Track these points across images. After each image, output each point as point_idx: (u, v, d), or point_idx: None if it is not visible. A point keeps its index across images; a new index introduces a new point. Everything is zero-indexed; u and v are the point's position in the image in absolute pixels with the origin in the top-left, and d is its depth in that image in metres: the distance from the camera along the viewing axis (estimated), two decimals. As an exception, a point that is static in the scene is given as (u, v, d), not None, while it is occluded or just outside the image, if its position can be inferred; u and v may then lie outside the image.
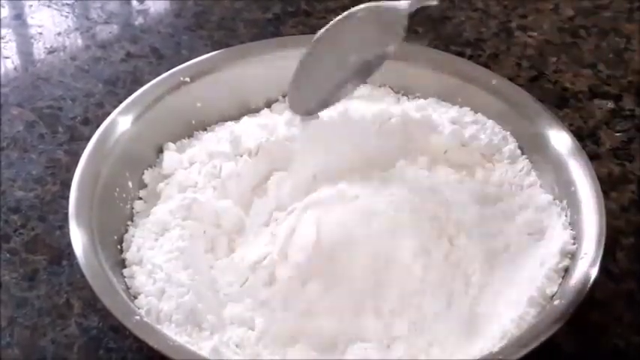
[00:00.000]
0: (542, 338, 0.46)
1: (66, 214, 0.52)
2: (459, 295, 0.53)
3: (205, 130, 0.63)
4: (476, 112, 0.62)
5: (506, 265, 0.54)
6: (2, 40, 0.77)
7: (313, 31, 0.76)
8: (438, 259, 0.53)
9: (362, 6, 0.58)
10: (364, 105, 0.62)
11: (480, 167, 0.60)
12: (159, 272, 0.52)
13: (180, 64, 0.64)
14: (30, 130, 0.68)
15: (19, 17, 0.81)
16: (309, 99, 0.60)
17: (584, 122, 0.69)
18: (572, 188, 0.55)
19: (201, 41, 0.77)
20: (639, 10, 0.80)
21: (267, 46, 0.67)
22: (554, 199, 0.56)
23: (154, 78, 0.62)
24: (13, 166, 0.65)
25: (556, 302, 0.49)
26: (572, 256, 0.51)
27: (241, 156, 0.59)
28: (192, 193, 0.57)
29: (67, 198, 0.53)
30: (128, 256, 0.54)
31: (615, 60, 0.75)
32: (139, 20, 0.81)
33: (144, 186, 0.59)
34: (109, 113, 0.59)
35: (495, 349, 0.48)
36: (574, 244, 0.52)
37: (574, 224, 0.53)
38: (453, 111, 0.62)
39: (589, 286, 0.49)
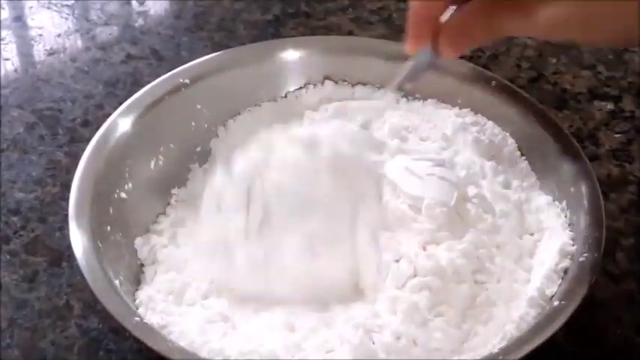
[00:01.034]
0: (542, 339, 0.46)
1: (66, 216, 0.52)
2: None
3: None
4: (476, 114, 0.62)
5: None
6: (2, 42, 0.77)
7: (313, 33, 0.77)
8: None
9: None
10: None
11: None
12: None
13: (180, 65, 0.64)
14: (30, 132, 0.68)
15: (19, 19, 0.81)
16: None
17: (583, 123, 0.69)
18: (572, 189, 0.55)
19: (201, 43, 0.77)
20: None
21: (267, 47, 0.67)
22: (553, 200, 0.56)
23: (154, 79, 0.62)
24: (13, 167, 0.65)
25: (556, 303, 0.49)
26: (572, 256, 0.51)
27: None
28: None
29: (66, 199, 0.53)
30: (127, 257, 0.54)
31: (615, 61, 0.75)
32: (138, 22, 0.81)
33: (143, 187, 0.59)
34: (109, 115, 0.59)
35: (495, 349, 0.48)
36: (573, 244, 0.52)
37: (573, 225, 0.53)
38: (453, 112, 0.62)
39: (589, 286, 0.49)
